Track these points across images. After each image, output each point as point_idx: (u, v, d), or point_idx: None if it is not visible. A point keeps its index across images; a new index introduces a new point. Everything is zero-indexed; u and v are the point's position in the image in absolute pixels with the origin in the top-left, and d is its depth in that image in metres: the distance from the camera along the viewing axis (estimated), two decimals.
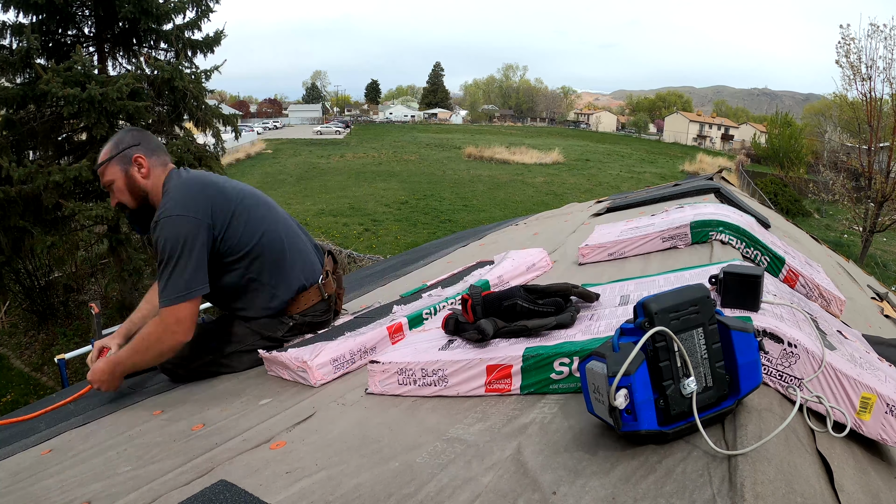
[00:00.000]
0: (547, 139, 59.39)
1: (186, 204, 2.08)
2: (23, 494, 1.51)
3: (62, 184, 9.78)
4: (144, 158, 2.21)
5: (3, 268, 10.98)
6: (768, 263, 2.18)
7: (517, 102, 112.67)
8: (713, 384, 1.00)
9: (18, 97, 10.24)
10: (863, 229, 20.62)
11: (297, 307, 2.34)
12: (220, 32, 12.76)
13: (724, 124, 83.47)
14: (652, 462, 0.96)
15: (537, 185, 34.15)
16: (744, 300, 1.25)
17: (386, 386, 1.62)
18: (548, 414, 1.23)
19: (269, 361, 2.09)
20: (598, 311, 1.59)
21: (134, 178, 2.21)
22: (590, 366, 1.02)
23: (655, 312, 0.98)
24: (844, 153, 23.65)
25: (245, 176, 33.36)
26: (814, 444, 1.02)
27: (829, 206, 28.90)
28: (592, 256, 2.73)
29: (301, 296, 2.35)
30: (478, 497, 0.98)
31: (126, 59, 12.35)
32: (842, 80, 20.82)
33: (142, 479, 1.39)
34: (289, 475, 1.23)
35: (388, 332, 2.02)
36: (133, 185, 2.21)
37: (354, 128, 70.89)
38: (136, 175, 2.21)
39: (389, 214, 25.64)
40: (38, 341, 12.74)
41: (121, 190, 2.23)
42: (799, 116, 58.60)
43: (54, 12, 10.73)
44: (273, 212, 2.38)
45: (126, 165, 2.21)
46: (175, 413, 1.92)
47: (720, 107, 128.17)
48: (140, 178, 2.21)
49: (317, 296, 2.39)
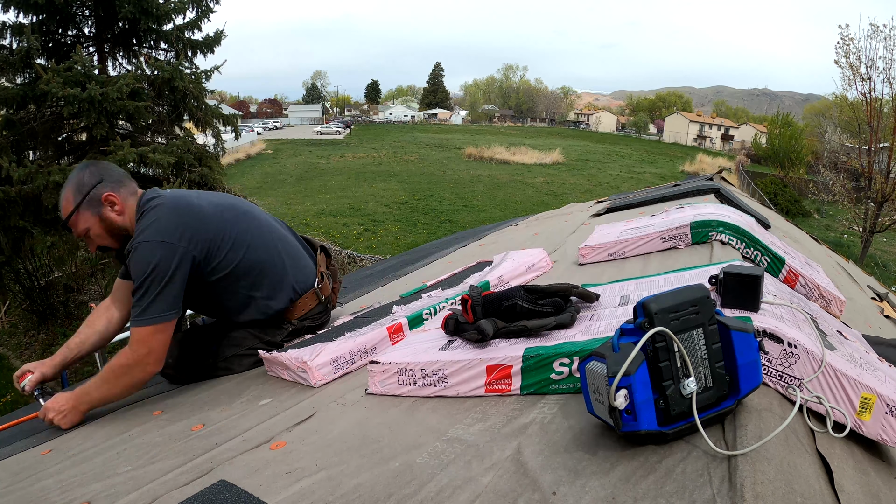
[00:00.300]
0: (547, 139, 59.42)
1: (161, 229, 1.97)
2: (23, 494, 1.51)
3: (62, 184, 9.76)
4: (115, 195, 2.07)
5: (3, 268, 10.98)
6: (768, 264, 2.18)
7: (517, 103, 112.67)
8: (713, 384, 1.00)
9: (18, 97, 10.24)
10: (863, 230, 20.62)
11: (294, 314, 2.33)
12: (220, 33, 12.76)
13: (724, 124, 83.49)
14: (652, 462, 0.96)
15: (537, 186, 34.17)
16: (744, 300, 1.25)
17: (386, 386, 1.62)
18: (548, 414, 1.23)
19: (269, 362, 2.09)
20: (598, 311, 1.59)
21: (111, 219, 2.07)
22: (590, 366, 1.02)
23: (655, 313, 0.98)
24: (844, 153, 23.67)
25: (245, 176, 33.41)
26: (814, 445, 1.02)
27: (829, 207, 28.90)
28: (592, 257, 2.73)
29: (297, 302, 2.32)
30: (478, 497, 0.98)
31: (126, 60, 12.35)
32: (842, 81, 20.86)
33: (141, 479, 1.39)
34: (289, 475, 1.23)
35: (388, 332, 2.02)
36: (111, 226, 2.08)
37: (354, 128, 70.91)
38: (111, 216, 2.07)
39: (389, 215, 25.65)
40: (38, 341, 12.73)
41: (100, 236, 2.09)
42: (799, 117, 58.55)
43: (54, 12, 10.73)
44: (256, 221, 2.30)
45: (97, 209, 2.06)
46: (175, 413, 1.92)
47: (720, 107, 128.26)
48: (117, 218, 2.08)
49: (313, 300, 2.37)
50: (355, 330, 2.12)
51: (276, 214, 2.86)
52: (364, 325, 2.15)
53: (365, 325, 2.16)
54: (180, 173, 11.32)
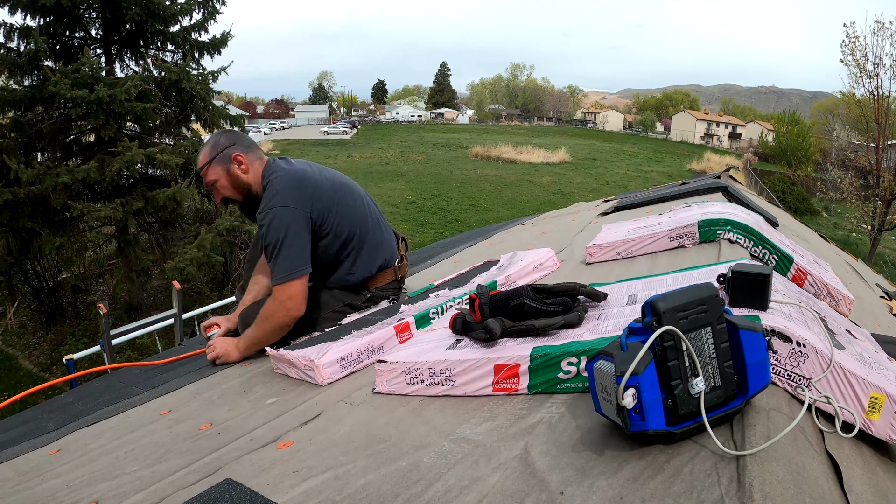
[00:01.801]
0: (554, 138, 59.36)
1: (289, 197, 2.31)
2: (30, 494, 1.52)
3: (70, 185, 9.83)
4: (243, 156, 2.45)
5: (11, 269, 11.05)
6: (776, 262, 2.17)
7: (524, 102, 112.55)
8: (721, 384, 1.00)
9: (26, 99, 10.31)
10: (871, 228, 20.53)
11: (374, 283, 2.62)
12: (227, 34, 12.81)
13: (732, 123, 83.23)
14: (660, 462, 0.96)
15: (544, 185, 34.10)
16: (752, 299, 1.25)
17: (393, 385, 1.62)
18: (555, 414, 1.23)
19: (276, 359, 2.10)
20: (605, 310, 1.59)
21: (236, 174, 2.44)
22: (598, 365, 1.02)
23: (663, 312, 0.97)
24: (852, 151, 23.57)
25: None
26: (822, 445, 1.01)
27: (837, 205, 28.74)
28: (600, 256, 2.72)
29: (379, 275, 2.62)
30: (485, 497, 0.98)
31: (133, 61, 12.41)
32: (848, 78, 20.76)
33: (149, 478, 1.40)
34: (296, 474, 1.23)
35: (396, 331, 2.02)
36: (237, 181, 2.45)
37: (361, 128, 71.06)
38: (237, 172, 2.44)
39: (397, 214, 25.63)
40: (46, 342, 12.79)
41: (225, 187, 2.47)
42: (807, 114, 58.29)
43: (62, 15, 10.78)
44: (361, 200, 2.63)
45: (227, 164, 2.44)
46: (182, 413, 1.93)
47: (727, 105, 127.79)
48: (242, 175, 2.45)
49: (392, 276, 2.68)
50: (363, 329, 2.12)
51: None
52: (371, 324, 2.15)
53: (372, 323, 2.16)
54: (188, 174, 11.37)
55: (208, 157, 2.45)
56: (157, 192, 10.60)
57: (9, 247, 10.49)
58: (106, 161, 10.35)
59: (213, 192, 2.51)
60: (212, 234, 10.75)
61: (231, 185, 2.46)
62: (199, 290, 13.73)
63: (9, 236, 10.36)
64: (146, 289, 13.27)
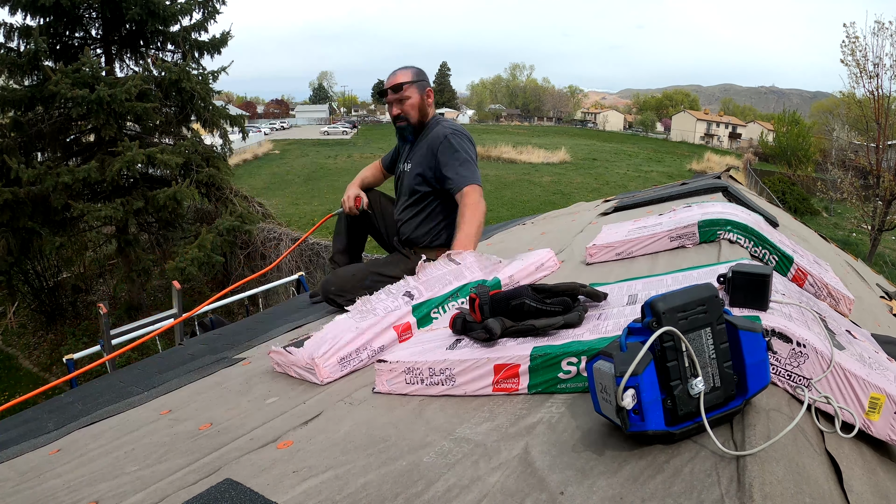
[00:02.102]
0: (554, 138, 59.21)
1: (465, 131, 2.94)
2: (30, 494, 1.52)
3: (71, 185, 9.84)
4: (432, 93, 3.05)
5: (12, 268, 11.05)
6: (777, 262, 2.17)
7: (524, 102, 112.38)
8: (721, 384, 1.00)
9: (26, 99, 10.31)
10: (871, 228, 20.51)
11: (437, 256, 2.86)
12: (227, 34, 12.82)
13: (732, 123, 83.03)
14: (660, 462, 0.96)
15: (544, 185, 34.07)
16: (752, 299, 1.25)
17: (393, 385, 1.62)
18: (555, 414, 1.23)
19: (277, 358, 2.09)
20: (605, 310, 1.58)
21: (424, 102, 3.00)
22: (597, 365, 1.02)
23: (663, 312, 0.97)
24: (852, 151, 23.55)
25: (252, 176, 33.44)
26: (822, 445, 1.01)
27: (837, 205, 28.71)
28: (600, 256, 2.72)
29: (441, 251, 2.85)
30: (485, 496, 0.98)
31: (133, 61, 12.43)
32: (849, 78, 20.74)
33: (149, 478, 1.40)
34: (296, 474, 1.23)
35: (396, 331, 2.02)
36: (423, 106, 3.00)
37: (361, 128, 70.89)
38: (426, 101, 3.01)
39: None
40: (46, 341, 12.80)
41: (413, 106, 2.97)
42: (807, 115, 58.17)
43: (62, 15, 10.79)
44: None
45: (423, 91, 2.98)
46: (182, 412, 1.93)
47: (727, 105, 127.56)
48: (427, 104, 3.01)
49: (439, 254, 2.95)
50: (363, 327, 2.12)
51: (283, 214, 3.20)
52: (372, 320, 2.15)
53: (373, 320, 2.16)
54: (188, 173, 11.37)
55: (412, 78, 2.95)
56: (157, 192, 10.61)
57: (9, 247, 10.50)
58: (106, 161, 10.36)
59: (397, 106, 2.96)
60: (212, 233, 10.77)
61: (418, 105, 2.96)
62: (200, 290, 13.74)
63: (9, 236, 10.37)
64: (146, 289, 13.29)
